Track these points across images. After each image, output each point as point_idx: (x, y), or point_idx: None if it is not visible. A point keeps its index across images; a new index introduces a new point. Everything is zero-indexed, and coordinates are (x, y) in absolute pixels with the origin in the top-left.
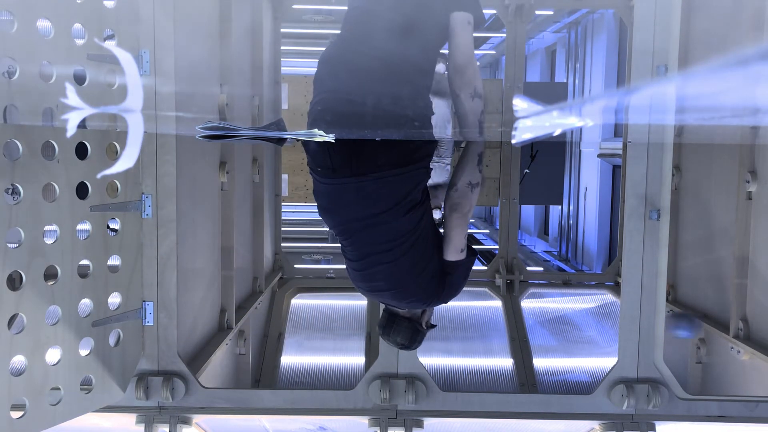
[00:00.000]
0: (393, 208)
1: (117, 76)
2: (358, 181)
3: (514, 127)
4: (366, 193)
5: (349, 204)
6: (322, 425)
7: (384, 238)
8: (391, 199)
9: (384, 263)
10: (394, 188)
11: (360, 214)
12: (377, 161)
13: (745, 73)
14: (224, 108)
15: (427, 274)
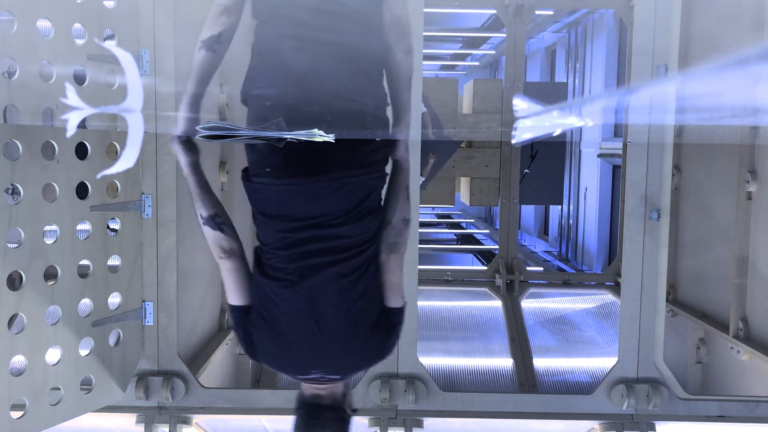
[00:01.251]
0: (347, 214)
1: (117, 76)
2: (313, 182)
3: (514, 127)
4: (319, 195)
5: (299, 207)
6: None
7: (334, 251)
8: (346, 203)
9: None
10: (350, 191)
11: (310, 219)
12: (334, 161)
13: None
14: (224, 108)
15: (373, 315)
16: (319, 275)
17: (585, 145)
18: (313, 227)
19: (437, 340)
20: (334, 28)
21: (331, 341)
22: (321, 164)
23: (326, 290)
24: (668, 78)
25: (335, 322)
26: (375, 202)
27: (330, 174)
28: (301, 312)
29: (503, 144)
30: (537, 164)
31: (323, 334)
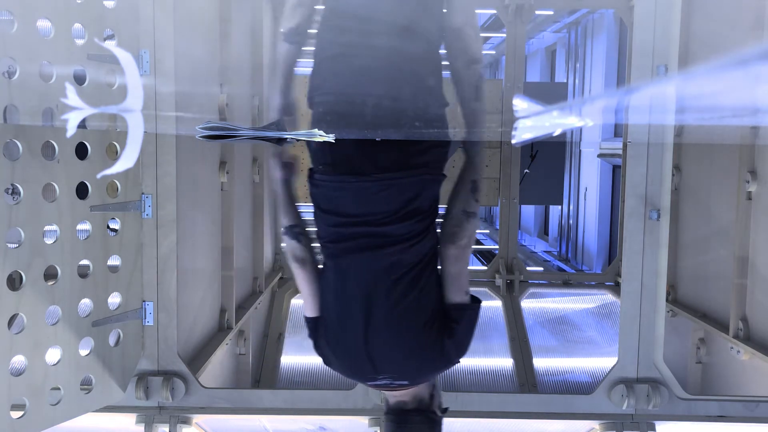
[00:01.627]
0: (393, 214)
1: (117, 76)
2: (358, 181)
3: (514, 127)
4: (365, 195)
5: (346, 205)
6: (322, 425)
7: (381, 248)
8: (391, 204)
9: (381, 280)
10: (396, 192)
11: (357, 216)
12: (378, 162)
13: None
14: (224, 108)
15: (426, 315)
16: (367, 272)
17: (585, 145)
18: (360, 224)
19: None
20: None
21: (384, 343)
22: (367, 165)
23: (374, 289)
24: (668, 78)
25: (385, 323)
26: (426, 203)
27: (375, 175)
28: (353, 312)
29: (503, 144)
30: (537, 164)
31: (375, 336)
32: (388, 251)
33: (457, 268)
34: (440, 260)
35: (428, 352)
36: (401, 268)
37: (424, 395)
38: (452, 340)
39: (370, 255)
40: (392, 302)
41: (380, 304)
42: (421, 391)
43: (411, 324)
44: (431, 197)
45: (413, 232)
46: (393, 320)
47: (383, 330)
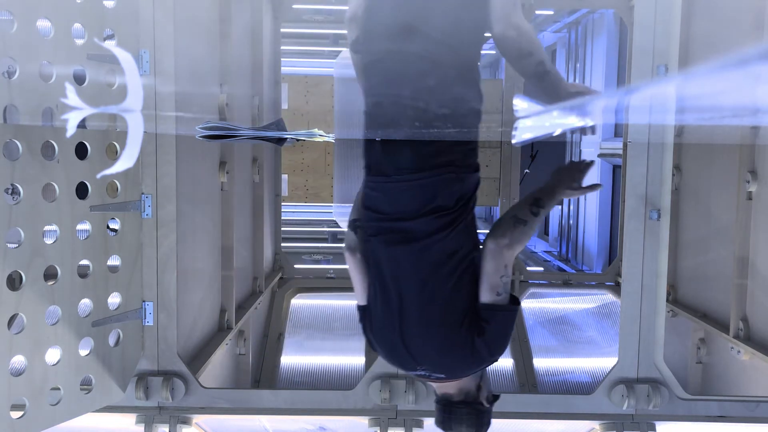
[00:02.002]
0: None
1: (117, 76)
2: (386, 181)
3: (514, 127)
4: (393, 194)
5: (380, 203)
6: (322, 425)
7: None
8: (415, 202)
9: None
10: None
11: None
12: (401, 163)
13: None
14: (224, 108)
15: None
16: (399, 266)
17: (585, 145)
18: (393, 220)
19: None
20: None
21: (417, 336)
22: (393, 166)
23: (407, 283)
24: (668, 78)
25: (417, 317)
26: (451, 200)
27: (399, 176)
28: (390, 304)
29: (503, 144)
30: (537, 164)
31: (409, 329)
32: (416, 246)
33: (491, 266)
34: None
35: (459, 349)
36: (431, 262)
37: (470, 388)
38: (482, 339)
39: (401, 249)
40: (425, 297)
41: (412, 298)
42: (466, 384)
43: (443, 320)
44: (457, 194)
45: (437, 227)
46: (425, 315)
47: (416, 324)
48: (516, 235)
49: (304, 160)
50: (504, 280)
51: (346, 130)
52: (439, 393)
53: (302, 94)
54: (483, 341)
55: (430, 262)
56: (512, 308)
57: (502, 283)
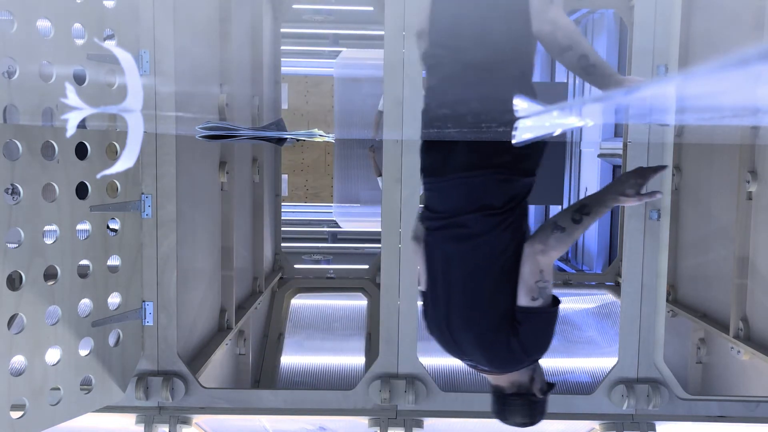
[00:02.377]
0: (468, 210)
1: (117, 76)
2: (438, 181)
3: (514, 127)
4: (445, 193)
5: (433, 202)
6: (322, 425)
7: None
8: (464, 201)
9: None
10: (465, 190)
11: (442, 212)
12: (452, 164)
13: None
14: (224, 108)
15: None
16: (447, 260)
17: (585, 145)
18: (444, 218)
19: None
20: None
21: (460, 329)
22: (446, 166)
23: (454, 277)
24: (668, 78)
25: (461, 311)
26: (498, 201)
27: (449, 175)
28: (439, 296)
29: None
30: None
31: (454, 322)
32: (463, 244)
33: (527, 270)
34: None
35: (496, 347)
36: (476, 261)
37: (522, 380)
38: (517, 339)
39: (449, 246)
40: (468, 294)
41: (458, 293)
42: (517, 377)
43: (482, 317)
44: (506, 195)
45: (484, 226)
46: (467, 311)
47: (459, 319)
48: (551, 242)
49: (304, 160)
50: (540, 285)
51: (346, 130)
52: (493, 384)
53: (302, 94)
54: (518, 341)
55: (476, 261)
56: (547, 311)
57: (538, 288)
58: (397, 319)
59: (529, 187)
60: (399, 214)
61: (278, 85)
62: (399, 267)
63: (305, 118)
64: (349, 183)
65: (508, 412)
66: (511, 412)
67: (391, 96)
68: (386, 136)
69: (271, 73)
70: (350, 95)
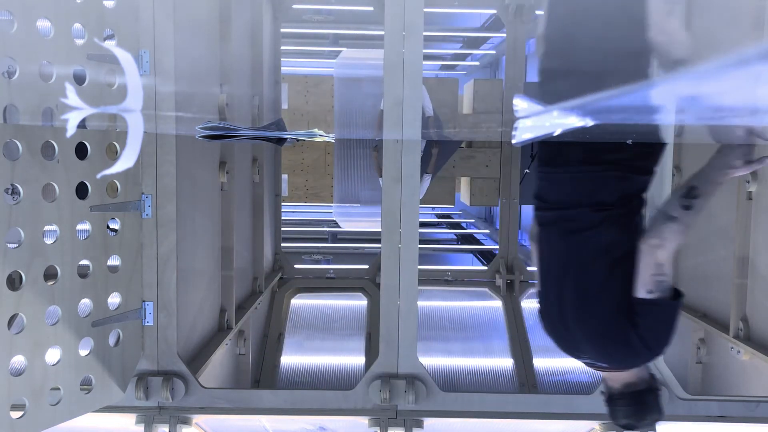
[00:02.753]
0: (580, 203)
1: (117, 76)
2: (553, 172)
3: (514, 127)
4: (558, 184)
5: (545, 192)
6: (322, 425)
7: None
8: (575, 194)
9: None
10: (579, 184)
11: (554, 203)
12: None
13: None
14: (224, 108)
15: (611, 303)
16: (559, 253)
17: None
18: (555, 210)
19: (437, 340)
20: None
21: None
22: (562, 158)
23: (566, 270)
24: (668, 78)
25: (575, 305)
26: (611, 197)
27: (566, 167)
28: (552, 290)
29: (503, 144)
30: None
31: (568, 316)
32: (574, 237)
33: (643, 263)
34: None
35: (614, 341)
36: (586, 254)
37: (636, 380)
38: (636, 332)
39: (560, 239)
40: (580, 288)
41: (570, 288)
42: (632, 377)
43: (597, 312)
44: (619, 192)
45: (595, 221)
46: (581, 305)
47: (573, 314)
48: (666, 234)
49: (304, 160)
50: (657, 278)
51: (346, 130)
52: (607, 384)
53: (302, 94)
54: (637, 335)
55: (586, 254)
56: (668, 303)
57: (655, 282)
58: (397, 319)
59: (645, 185)
60: (399, 214)
61: (278, 85)
62: (399, 267)
63: (305, 118)
64: (349, 183)
65: (622, 412)
66: (624, 413)
67: (391, 96)
68: (386, 136)
69: (271, 73)
70: (350, 95)
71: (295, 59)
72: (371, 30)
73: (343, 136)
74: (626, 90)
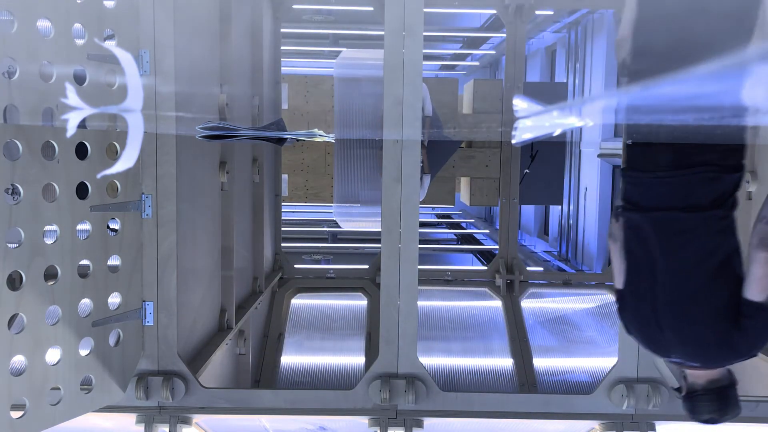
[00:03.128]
0: (674, 206)
1: (117, 76)
2: (644, 176)
3: (514, 127)
4: (653, 187)
5: (638, 197)
6: (322, 425)
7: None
8: (670, 197)
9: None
10: (672, 189)
11: (645, 208)
12: (658, 160)
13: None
14: (224, 108)
15: (716, 304)
16: (654, 259)
17: (585, 145)
18: (648, 212)
19: (437, 340)
20: None
21: (670, 327)
22: (651, 162)
23: (663, 274)
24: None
25: (671, 309)
26: (705, 200)
27: (655, 172)
28: (643, 293)
29: (503, 144)
30: (537, 164)
31: (663, 316)
32: (668, 241)
33: (752, 268)
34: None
35: (714, 342)
36: (683, 257)
37: (719, 376)
38: (741, 333)
39: (654, 243)
40: (680, 286)
41: (667, 286)
42: (716, 373)
43: (697, 310)
44: (713, 193)
45: (690, 224)
46: (679, 308)
47: (670, 316)
48: (765, 233)
49: (304, 160)
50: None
51: (346, 130)
52: (689, 381)
53: (302, 94)
54: (742, 336)
55: (685, 258)
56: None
57: (765, 286)
58: (397, 319)
59: (737, 182)
60: (399, 214)
61: (278, 85)
62: (399, 267)
63: (305, 118)
64: (349, 183)
65: (706, 408)
66: (709, 408)
67: (391, 96)
68: (386, 136)
69: (271, 73)
70: (350, 95)
71: (295, 59)
72: (371, 30)
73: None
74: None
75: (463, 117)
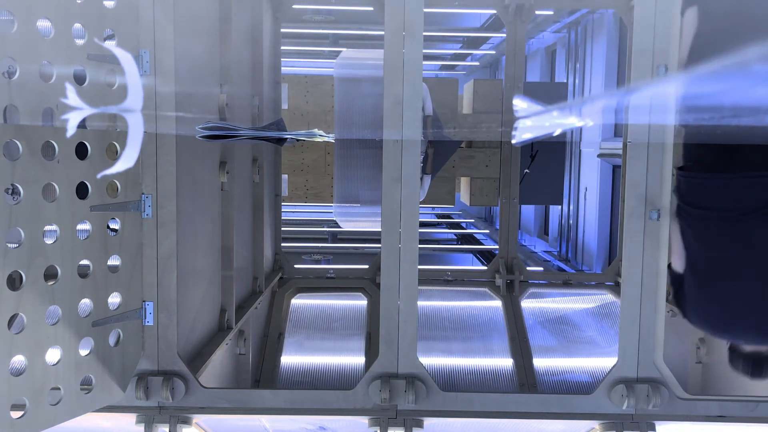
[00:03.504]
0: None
1: (117, 76)
2: (704, 177)
3: (514, 127)
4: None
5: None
6: (322, 425)
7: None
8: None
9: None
10: (748, 190)
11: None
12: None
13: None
14: (224, 108)
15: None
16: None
17: (585, 145)
18: (723, 212)
19: (437, 340)
20: None
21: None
22: (726, 162)
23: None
24: (668, 78)
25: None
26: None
27: (726, 173)
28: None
29: (503, 144)
30: (537, 164)
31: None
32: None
33: None
34: None
35: None
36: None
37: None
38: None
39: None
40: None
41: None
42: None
43: None
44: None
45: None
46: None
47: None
48: None
49: (304, 160)
50: None
51: (346, 130)
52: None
53: (302, 94)
54: None
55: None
56: None
57: None
58: (397, 319)
59: None
60: (399, 214)
61: (278, 85)
62: (399, 267)
63: (305, 118)
64: (349, 183)
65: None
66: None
67: (391, 96)
68: (386, 136)
69: (271, 73)
70: (350, 95)
71: (295, 59)
72: (371, 30)
73: (343, 136)
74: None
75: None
